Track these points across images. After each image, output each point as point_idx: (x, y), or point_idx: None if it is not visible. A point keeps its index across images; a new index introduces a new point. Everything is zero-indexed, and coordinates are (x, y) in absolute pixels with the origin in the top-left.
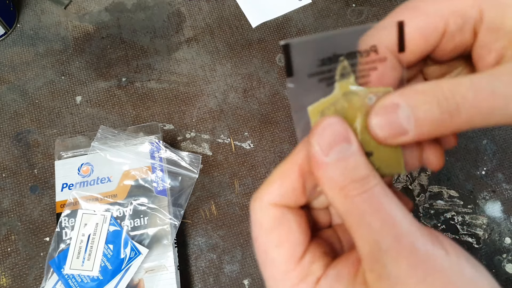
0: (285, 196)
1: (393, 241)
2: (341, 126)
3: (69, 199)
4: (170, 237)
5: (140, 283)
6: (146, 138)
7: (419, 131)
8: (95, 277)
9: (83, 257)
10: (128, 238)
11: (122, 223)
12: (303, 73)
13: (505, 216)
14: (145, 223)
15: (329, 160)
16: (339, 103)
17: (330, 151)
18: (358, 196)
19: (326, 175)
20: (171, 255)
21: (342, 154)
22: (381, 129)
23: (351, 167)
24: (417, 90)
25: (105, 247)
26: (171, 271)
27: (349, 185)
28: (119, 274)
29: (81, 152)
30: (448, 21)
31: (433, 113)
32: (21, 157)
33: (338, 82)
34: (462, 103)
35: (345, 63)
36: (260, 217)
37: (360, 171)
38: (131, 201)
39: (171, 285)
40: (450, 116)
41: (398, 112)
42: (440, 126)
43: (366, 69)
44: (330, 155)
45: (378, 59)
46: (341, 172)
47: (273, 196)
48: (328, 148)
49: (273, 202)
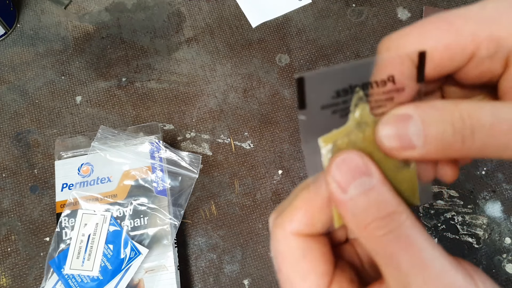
0: (310, 225)
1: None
2: (358, 159)
3: (69, 199)
4: (170, 237)
5: (140, 283)
6: (146, 138)
7: (427, 149)
8: (95, 277)
9: (83, 257)
10: (128, 238)
11: (122, 223)
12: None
13: (505, 216)
14: (145, 223)
15: (348, 197)
16: (353, 134)
17: (349, 187)
18: (384, 237)
19: (348, 213)
20: (171, 255)
21: (363, 188)
22: (388, 139)
23: (375, 203)
24: (433, 106)
25: (105, 247)
26: (171, 271)
27: (373, 223)
28: (119, 274)
29: (81, 152)
30: (480, 45)
31: (445, 133)
32: (21, 157)
33: (352, 113)
34: (478, 128)
35: (361, 94)
36: (284, 248)
37: (386, 206)
38: (131, 201)
39: (171, 285)
40: (462, 140)
41: (409, 125)
42: (450, 149)
43: (382, 99)
44: (349, 191)
45: (395, 89)
46: (363, 209)
47: (297, 225)
48: (346, 184)
49: (296, 232)
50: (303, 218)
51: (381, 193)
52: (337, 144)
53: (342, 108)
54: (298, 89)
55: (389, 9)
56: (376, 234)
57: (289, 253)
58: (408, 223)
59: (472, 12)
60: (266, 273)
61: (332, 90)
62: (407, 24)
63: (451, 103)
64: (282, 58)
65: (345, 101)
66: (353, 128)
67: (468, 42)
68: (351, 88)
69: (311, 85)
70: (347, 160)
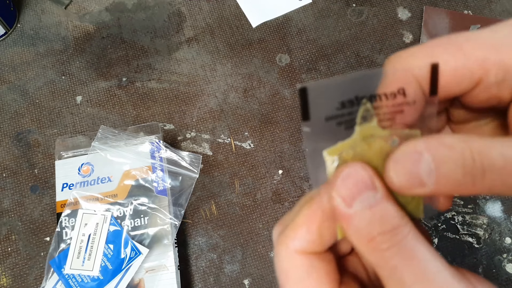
0: (313, 242)
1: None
2: (364, 173)
3: (70, 199)
4: (171, 237)
5: (141, 283)
6: (147, 138)
7: (438, 187)
8: (96, 277)
9: (83, 257)
10: (128, 238)
11: (123, 223)
12: (320, 116)
13: (505, 216)
14: (146, 223)
15: (353, 211)
16: (359, 146)
17: (354, 202)
18: (388, 250)
19: (351, 228)
20: (171, 255)
21: (367, 203)
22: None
23: (379, 217)
24: (444, 143)
25: (105, 247)
26: (171, 270)
27: (377, 237)
28: (119, 274)
29: (81, 152)
30: (488, 71)
31: (456, 174)
32: (21, 157)
33: (358, 126)
34: (489, 169)
35: (368, 106)
36: (287, 267)
37: (390, 220)
38: (131, 201)
39: (172, 285)
40: (473, 181)
41: (420, 163)
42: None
43: (391, 112)
44: (354, 206)
45: (405, 102)
46: (368, 223)
47: (300, 242)
48: (351, 199)
49: (300, 250)
50: (306, 235)
51: (385, 208)
52: (343, 156)
53: (347, 120)
54: (301, 100)
55: (389, 9)
56: (379, 248)
57: (293, 272)
58: (411, 236)
59: (483, 37)
60: (266, 273)
61: (337, 101)
62: (407, 24)
63: (462, 140)
64: (282, 58)
65: (351, 112)
66: (359, 140)
67: (476, 67)
68: (357, 100)
69: (315, 95)
70: (353, 174)
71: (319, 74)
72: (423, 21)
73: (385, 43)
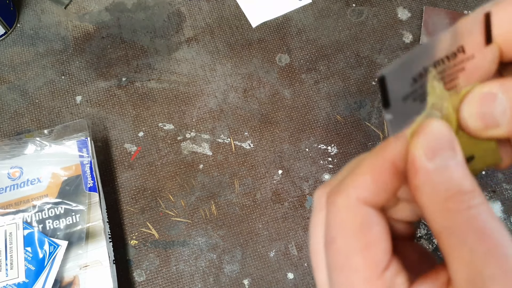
0: (377, 194)
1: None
2: (447, 132)
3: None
4: (103, 232)
5: (75, 280)
6: (74, 136)
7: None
8: (21, 282)
9: (5, 268)
10: (42, 235)
11: (55, 222)
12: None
13: (505, 216)
14: (77, 220)
15: (433, 166)
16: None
17: (435, 157)
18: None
19: (427, 183)
20: (105, 250)
21: (447, 162)
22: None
23: (457, 178)
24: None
25: (25, 252)
26: (105, 265)
27: (453, 197)
28: (43, 271)
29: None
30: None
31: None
32: None
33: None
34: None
35: (433, 73)
36: (345, 217)
37: (467, 184)
38: (62, 200)
39: (106, 279)
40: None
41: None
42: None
43: (454, 72)
44: (435, 161)
45: (465, 59)
46: (446, 182)
47: (364, 192)
48: (432, 154)
49: (362, 199)
50: (371, 185)
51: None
52: None
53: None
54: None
55: (389, 9)
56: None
57: (352, 222)
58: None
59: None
60: (266, 273)
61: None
62: (407, 24)
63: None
64: (282, 58)
65: (422, 85)
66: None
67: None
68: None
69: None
70: (437, 129)
71: (319, 74)
72: (423, 21)
73: (385, 43)
